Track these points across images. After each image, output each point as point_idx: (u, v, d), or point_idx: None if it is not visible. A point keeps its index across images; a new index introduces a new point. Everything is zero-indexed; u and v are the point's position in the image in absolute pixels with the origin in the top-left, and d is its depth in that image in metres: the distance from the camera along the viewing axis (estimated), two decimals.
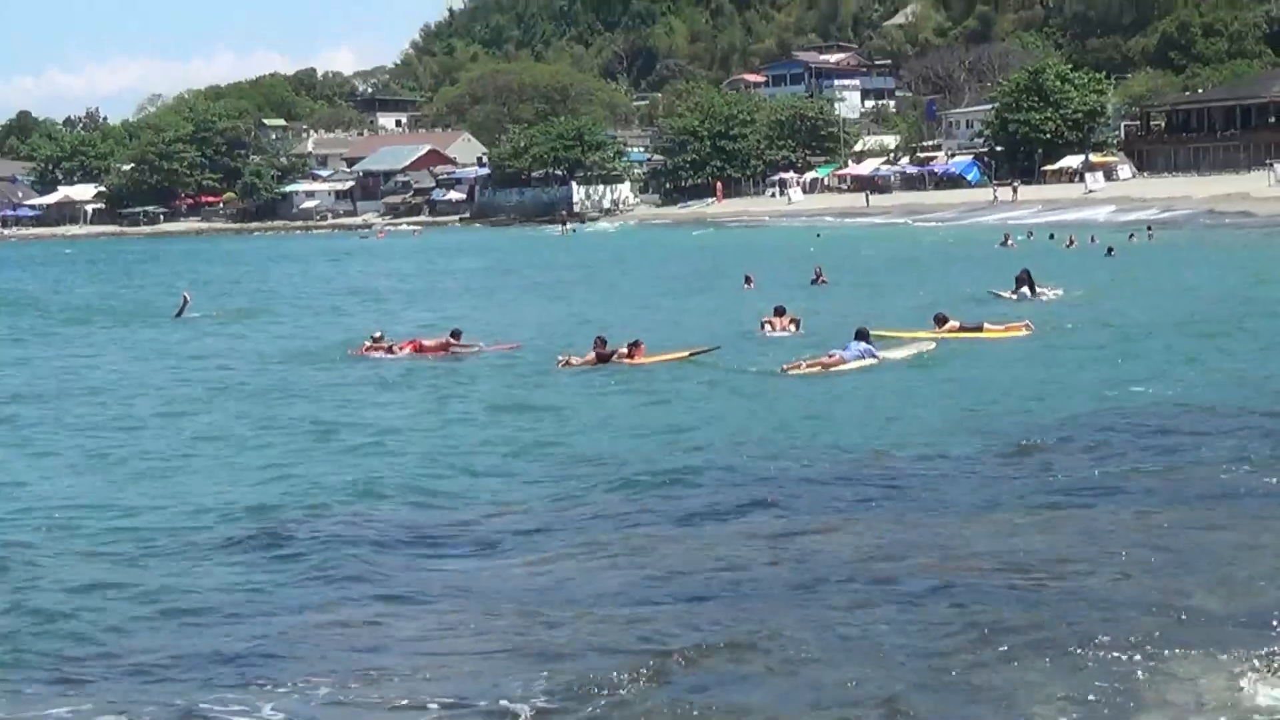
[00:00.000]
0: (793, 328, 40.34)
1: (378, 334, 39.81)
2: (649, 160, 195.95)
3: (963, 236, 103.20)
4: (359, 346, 39.09)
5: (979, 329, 38.12)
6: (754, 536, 17.20)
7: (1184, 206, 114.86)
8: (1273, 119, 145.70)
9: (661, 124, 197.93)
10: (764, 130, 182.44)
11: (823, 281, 57.62)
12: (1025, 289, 47.65)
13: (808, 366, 32.65)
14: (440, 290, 69.29)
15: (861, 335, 33.92)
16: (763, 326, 40.76)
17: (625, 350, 34.77)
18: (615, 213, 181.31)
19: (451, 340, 38.75)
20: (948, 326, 38.05)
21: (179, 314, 54.78)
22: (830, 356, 33.43)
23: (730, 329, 41.89)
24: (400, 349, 38.31)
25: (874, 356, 33.13)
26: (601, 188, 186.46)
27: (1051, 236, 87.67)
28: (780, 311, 41.15)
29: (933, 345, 35.06)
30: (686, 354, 35.13)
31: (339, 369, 36.49)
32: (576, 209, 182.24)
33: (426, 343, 38.83)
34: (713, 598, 14.85)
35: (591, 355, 34.69)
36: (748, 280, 57.56)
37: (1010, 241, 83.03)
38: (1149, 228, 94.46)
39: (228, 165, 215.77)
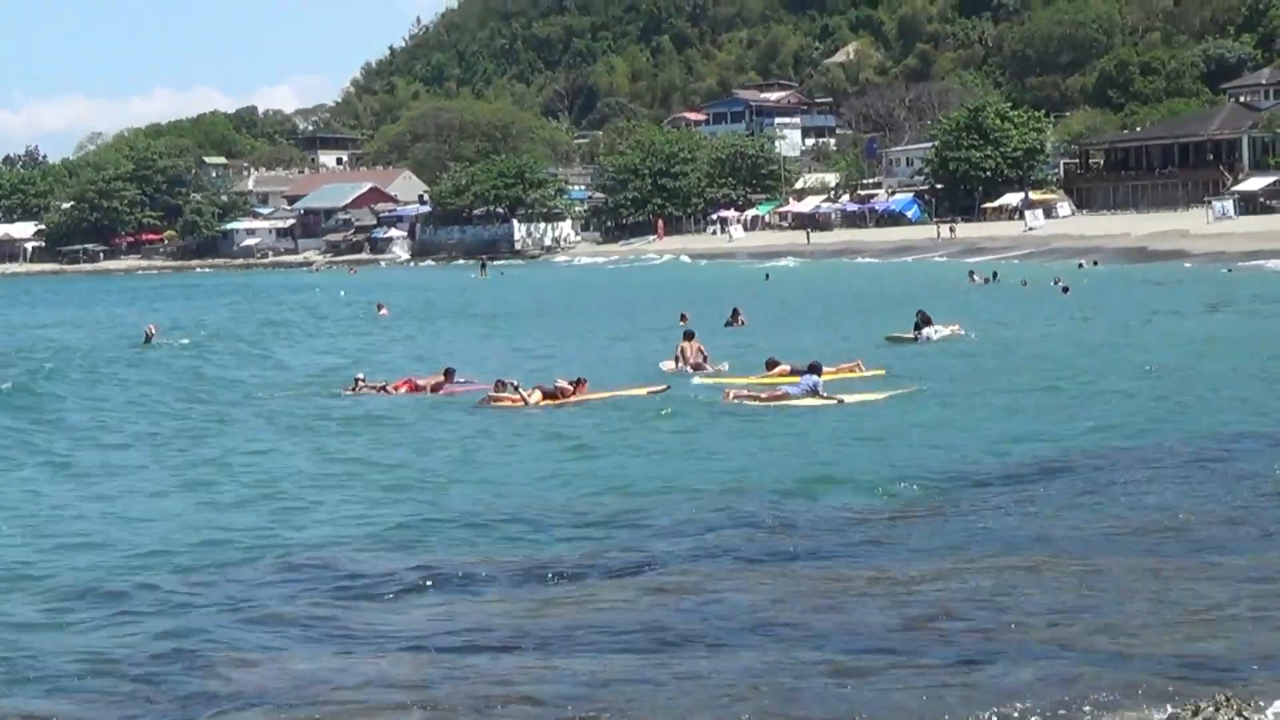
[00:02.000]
0: (702, 359, 40.73)
1: (361, 376, 39.56)
2: (590, 198, 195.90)
3: (920, 274, 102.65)
4: (351, 384, 38.62)
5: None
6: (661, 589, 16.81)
7: (1119, 244, 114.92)
8: (1210, 156, 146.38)
9: (602, 162, 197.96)
10: (705, 168, 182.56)
11: (740, 323, 57.04)
12: (929, 330, 46.77)
13: (750, 398, 32.30)
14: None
15: (814, 369, 33.52)
16: (676, 360, 41.07)
17: (569, 386, 34.73)
18: (557, 249, 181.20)
19: (444, 379, 38.39)
20: (778, 370, 37.38)
21: (147, 341, 56.59)
22: (779, 390, 33.19)
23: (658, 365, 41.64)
24: (395, 388, 37.90)
25: (819, 395, 32.63)
26: (543, 225, 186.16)
27: (994, 276, 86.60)
28: (690, 336, 41.90)
29: (914, 387, 34.76)
30: (644, 392, 35.09)
31: (334, 405, 36.18)
32: (518, 246, 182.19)
33: (420, 381, 38.47)
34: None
35: (538, 393, 34.44)
36: (683, 318, 56.91)
37: (976, 278, 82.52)
38: (1095, 262, 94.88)
39: (168, 203, 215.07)
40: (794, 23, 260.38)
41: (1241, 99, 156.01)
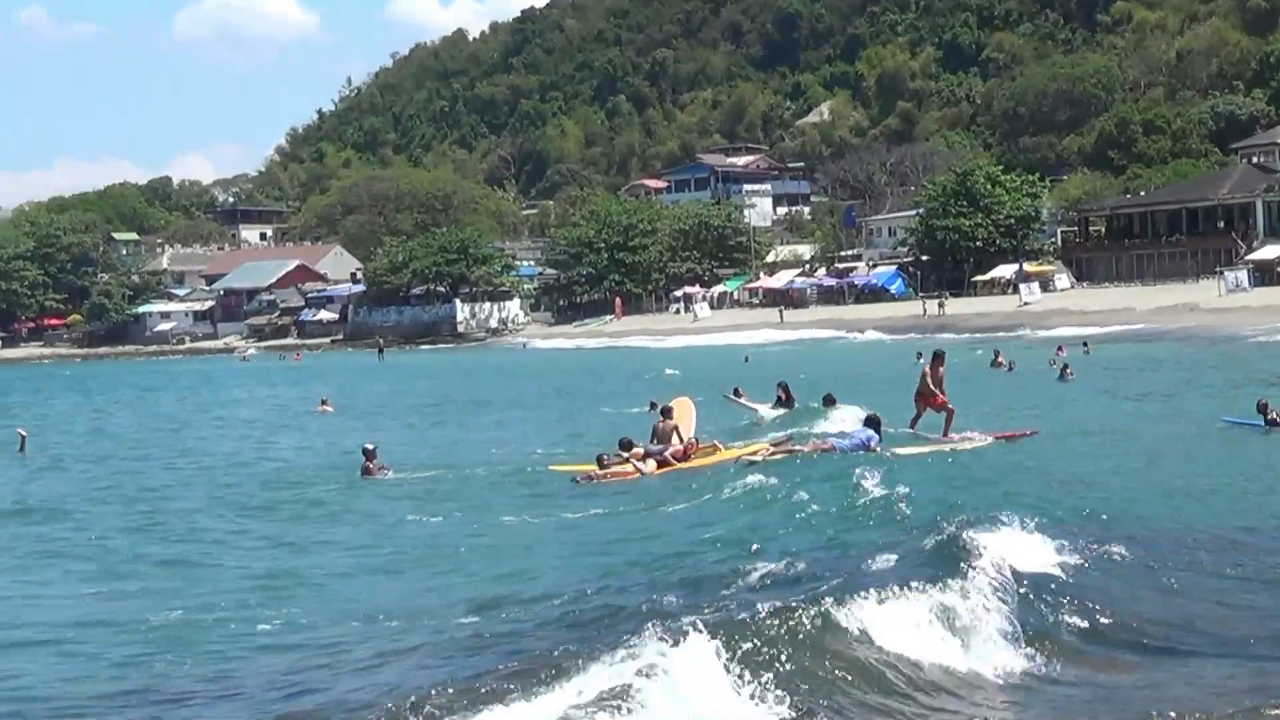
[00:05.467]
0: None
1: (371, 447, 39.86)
2: (540, 274, 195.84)
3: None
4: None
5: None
6: None
7: (1123, 320, 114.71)
8: (1221, 223, 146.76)
9: (554, 234, 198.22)
10: (666, 240, 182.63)
11: (737, 395, 56.99)
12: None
13: (787, 451, 32.35)
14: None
15: (872, 423, 33.68)
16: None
17: (680, 451, 35.81)
18: (505, 331, 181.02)
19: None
20: (632, 452, 36.96)
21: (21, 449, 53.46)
22: (824, 442, 33.28)
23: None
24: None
25: (868, 448, 32.73)
26: (488, 305, 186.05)
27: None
28: (664, 410, 40.19)
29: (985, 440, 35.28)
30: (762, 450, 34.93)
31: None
32: (460, 328, 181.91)
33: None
34: None
35: (652, 463, 35.19)
36: (652, 405, 56.80)
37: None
38: (1085, 344, 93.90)
39: (73, 284, 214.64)
40: (763, 80, 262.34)
41: (1254, 160, 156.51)
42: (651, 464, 34.70)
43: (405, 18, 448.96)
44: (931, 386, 39.66)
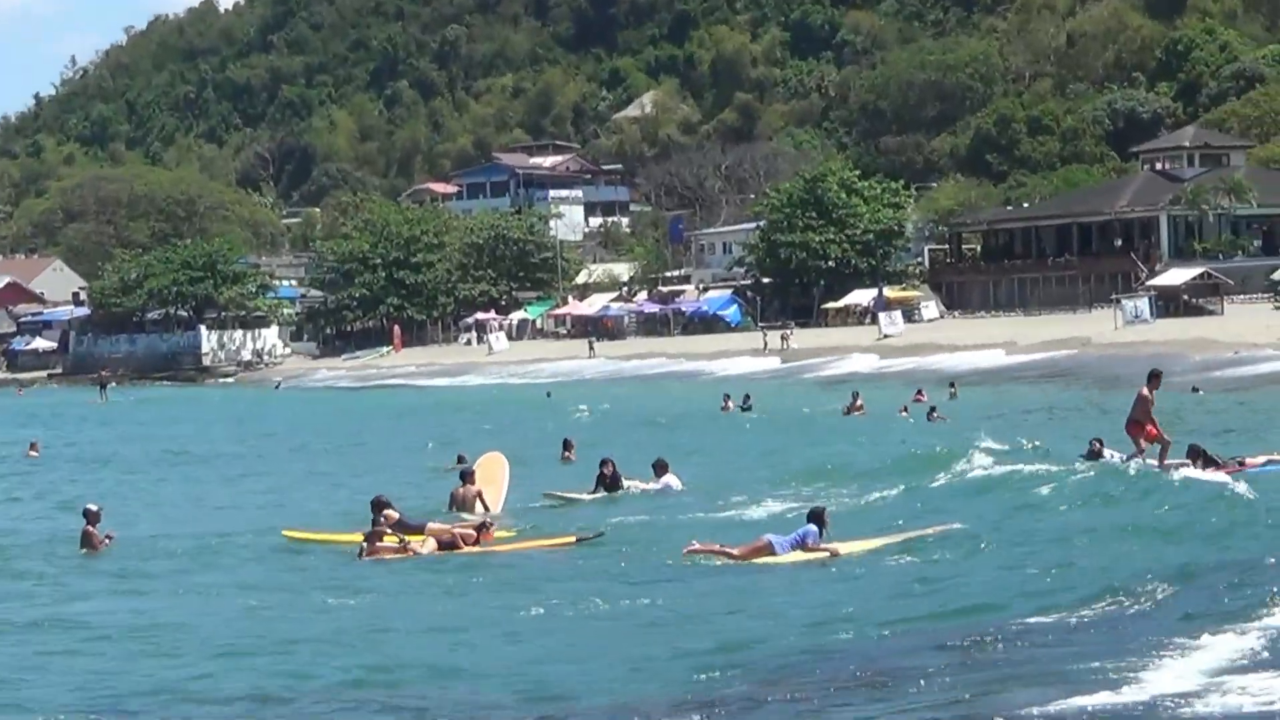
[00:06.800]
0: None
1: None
2: (303, 296, 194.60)
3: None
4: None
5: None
6: None
7: (1001, 355, 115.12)
8: (1119, 241, 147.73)
9: (320, 248, 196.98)
10: (456, 257, 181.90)
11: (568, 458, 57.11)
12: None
13: (718, 552, 31.83)
14: None
15: (815, 518, 33.02)
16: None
17: (472, 532, 34.80)
18: (259, 364, 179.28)
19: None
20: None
21: None
22: (760, 541, 32.59)
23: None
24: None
25: (807, 548, 32.18)
26: (240, 333, 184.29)
27: (746, 400, 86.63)
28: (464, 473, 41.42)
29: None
30: (571, 540, 34.70)
31: None
32: (206, 360, 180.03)
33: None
34: None
35: (432, 541, 34.05)
36: (460, 460, 56.53)
37: (730, 404, 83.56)
38: (951, 385, 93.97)
39: None
40: (573, 65, 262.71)
41: (1158, 166, 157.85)
42: (431, 544, 33.82)
43: None
44: (1149, 411, 40.01)
